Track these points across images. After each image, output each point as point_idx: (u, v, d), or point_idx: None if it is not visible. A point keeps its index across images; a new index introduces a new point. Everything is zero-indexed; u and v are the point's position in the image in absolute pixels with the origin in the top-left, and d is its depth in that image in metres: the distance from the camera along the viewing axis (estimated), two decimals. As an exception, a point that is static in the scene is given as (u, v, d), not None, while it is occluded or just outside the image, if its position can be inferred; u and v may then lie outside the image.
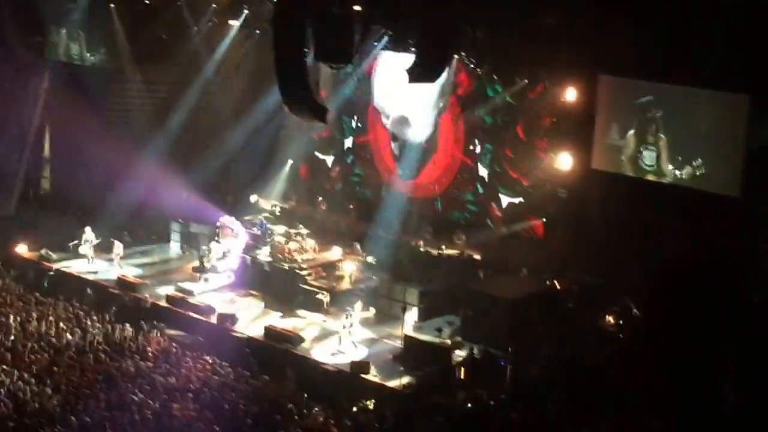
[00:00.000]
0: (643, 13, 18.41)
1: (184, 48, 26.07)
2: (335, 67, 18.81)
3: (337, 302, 21.33)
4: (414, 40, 18.92)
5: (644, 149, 19.75)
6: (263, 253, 23.31)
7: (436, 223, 23.64)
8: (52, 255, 23.93)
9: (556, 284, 20.20)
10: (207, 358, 19.08)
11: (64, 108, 26.68)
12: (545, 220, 21.54)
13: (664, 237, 19.05)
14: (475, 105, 22.79)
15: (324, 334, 20.52)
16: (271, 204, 26.15)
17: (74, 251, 23.86)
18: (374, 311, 21.34)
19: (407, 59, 17.65)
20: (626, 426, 16.12)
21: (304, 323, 21.00)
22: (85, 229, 23.72)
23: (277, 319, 21.08)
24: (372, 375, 18.64)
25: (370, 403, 17.53)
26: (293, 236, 23.40)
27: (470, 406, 17.05)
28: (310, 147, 26.32)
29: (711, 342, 9.32)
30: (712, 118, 19.05)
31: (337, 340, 19.90)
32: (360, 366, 18.80)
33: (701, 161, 19.09)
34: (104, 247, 23.83)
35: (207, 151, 25.70)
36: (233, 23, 25.51)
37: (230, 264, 23.20)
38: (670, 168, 19.39)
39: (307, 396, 17.67)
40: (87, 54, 27.01)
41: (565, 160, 20.79)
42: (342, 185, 26.01)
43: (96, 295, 22.12)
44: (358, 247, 23.19)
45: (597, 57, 19.39)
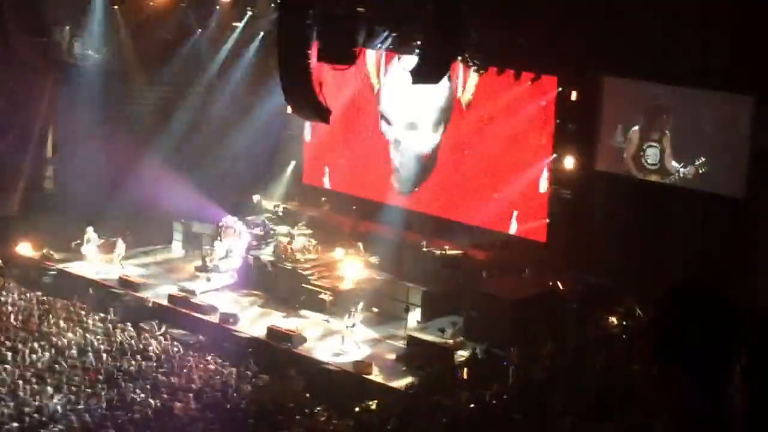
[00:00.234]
0: (647, 14, 18.39)
1: (187, 49, 26.02)
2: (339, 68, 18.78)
3: (340, 302, 21.28)
4: (418, 41, 18.93)
5: (647, 147, 19.72)
6: (266, 253, 23.28)
7: (439, 223, 23.57)
8: (54, 254, 23.92)
9: (559, 285, 20.13)
10: (209, 357, 19.05)
11: (67, 108, 26.65)
12: (549, 221, 21.49)
13: (668, 238, 19.00)
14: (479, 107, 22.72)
15: (327, 333, 20.48)
16: (273, 204, 26.11)
17: (76, 251, 23.83)
18: (377, 311, 21.30)
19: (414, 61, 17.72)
20: (630, 427, 16.07)
21: (306, 323, 20.96)
22: (88, 228, 23.70)
23: (280, 319, 21.04)
24: (375, 375, 18.61)
25: (373, 403, 17.48)
26: (296, 236, 23.38)
27: (473, 406, 17.00)
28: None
29: (717, 344, 9.23)
30: (716, 119, 19.03)
31: (340, 340, 19.88)
32: (363, 366, 18.77)
33: (704, 160, 19.07)
34: (107, 246, 23.81)
35: (210, 151, 25.68)
36: (237, 25, 25.47)
37: (233, 264, 23.16)
38: (674, 165, 19.36)
39: (309, 396, 17.65)
40: (91, 55, 26.98)
41: (569, 161, 20.76)
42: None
43: (98, 294, 22.08)
44: (360, 247, 23.14)
45: (602, 58, 19.34)
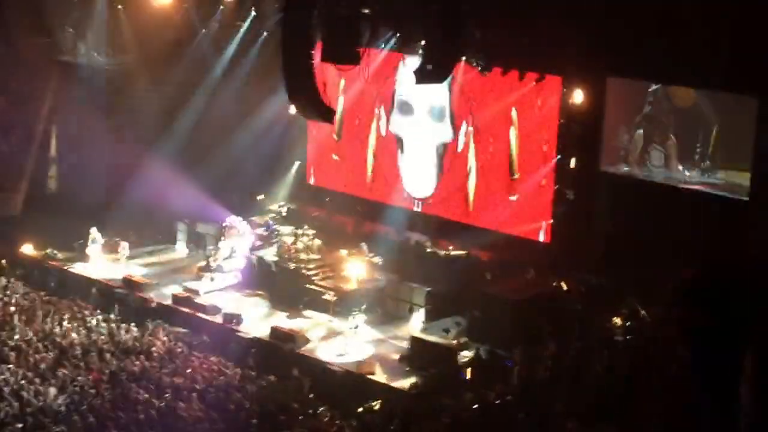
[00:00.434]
0: (651, 14, 18.33)
1: (191, 49, 26.02)
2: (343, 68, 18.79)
3: (344, 302, 21.25)
4: (421, 41, 18.90)
5: (652, 149, 19.67)
6: (270, 253, 23.26)
7: (443, 224, 23.54)
8: (57, 254, 23.93)
9: (562, 285, 20.10)
10: (212, 358, 19.04)
11: (71, 108, 26.67)
12: (553, 222, 21.45)
13: (672, 239, 18.93)
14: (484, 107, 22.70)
15: (330, 334, 20.46)
16: (277, 204, 26.09)
17: (80, 251, 23.82)
18: (381, 312, 21.27)
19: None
20: (634, 428, 16.04)
21: (310, 323, 20.93)
22: (91, 229, 23.68)
23: (283, 319, 21.03)
24: (378, 375, 18.57)
25: (376, 404, 17.46)
26: (300, 236, 23.36)
27: (476, 407, 16.97)
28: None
29: (727, 345, 9.24)
30: (720, 120, 18.99)
31: (343, 341, 19.85)
32: (366, 366, 18.74)
33: (709, 163, 19.02)
34: (110, 246, 23.79)
35: (214, 151, 25.65)
36: (241, 24, 25.46)
37: (236, 264, 23.15)
38: (679, 168, 19.31)
39: (312, 396, 17.63)
40: (94, 55, 26.99)
41: (573, 161, 20.71)
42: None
43: (101, 294, 22.08)
44: (364, 248, 23.11)
45: (606, 59, 19.30)
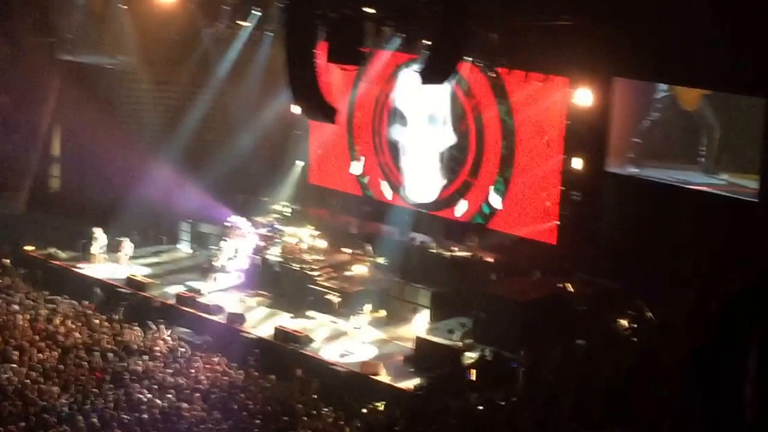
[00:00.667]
0: (657, 15, 18.25)
1: (195, 49, 25.93)
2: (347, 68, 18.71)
3: (348, 303, 21.16)
4: (426, 42, 18.81)
5: (659, 152, 19.60)
6: (273, 254, 23.18)
7: (448, 225, 23.42)
8: (60, 254, 23.86)
9: (568, 287, 20.00)
10: (216, 358, 18.98)
11: (74, 108, 26.58)
12: (559, 223, 21.34)
13: (679, 240, 18.83)
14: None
15: (334, 334, 20.38)
16: (281, 204, 26.01)
17: (83, 250, 23.74)
18: (385, 312, 21.17)
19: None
20: (640, 430, 15.94)
21: (314, 324, 20.85)
22: (95, 228, 23.61)
23: (287, 320, 20.95)
24: (382, 376, 18.49)
25: (381, 405, 17.38)
26: (303, 237, 23.25)
27: (481, 408, 16.89)
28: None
29: (732, 345, 9.06)
30: (727, 121, 18.90)
31: (348, 341, 19.76)
32: (370, 367, 18.65)
33: (713, 166, 18.96)
34: (114, 246, 23.73)
35: (218, 151, 25.58)
36: (245, 25, 25.38)
37: (240, 264, 23.06)
38: (685, 170, 19.22)
39: (316, 397, 17.55)
40: (98, 54, 26.93)
41: (579, 163, 20.62)
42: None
43: (105, 294, 22.01)
44: (369, 248, 23.01)
45: (612, 59, 19.21)
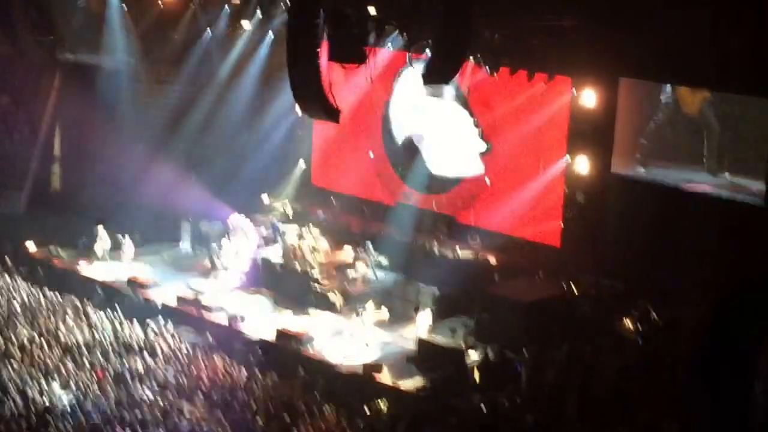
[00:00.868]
0: (663, 15, 18.19)
1: (197, 49, 25.93)
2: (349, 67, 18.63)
3: (350, 302, 21.10)
4: (429, 41, 18.73)
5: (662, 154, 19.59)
6: (274, 253, 23.12)
7: (451, 225, 23.39)
8: (61, 252, 23.82)
9: (573, 288, 19.95)
10: (217, 357, 18.91)
11: (75, 107, 26.62)
12: (563, 224, 21.28)
13: (683, 241, 18.78)
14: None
15: (336, 334, 20.28)
16: (282, 204, 25.98)
17: (84, 249, 23.70)
18: (387, 312, 21.12)
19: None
20: (644, 430, 15.93)
21: (315, 323, 20.78)
22: (97, 227, 23.56)
23: (289, 319, 20.87)
24: (384, 376, 18.42)
25: (383, 405, 17.32)
26: (305, 236, 23.21)
27: (485, 409, 16.85)
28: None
29: (742, 345, 9.06)
30: (734, 122, 18.88)
31: (349, 341, 19.69)
32: (372, 367, 18.59)
33: (715, 167, 18.94)
34: (115, 245, 23.66)
35: (219, 151, 25.58)
36: (246, 24, 25.37)
37: (241, 263, 23.00)
38: (688, 171, 19.22)
39: (318, 396, 17.49)
40: (99, 54, 26.93)
41: (583, 164, 20.57)
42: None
43: (106, 293, 21.96)
44: (370, 247, 22.97)
45: (618, 60, 19.15)
